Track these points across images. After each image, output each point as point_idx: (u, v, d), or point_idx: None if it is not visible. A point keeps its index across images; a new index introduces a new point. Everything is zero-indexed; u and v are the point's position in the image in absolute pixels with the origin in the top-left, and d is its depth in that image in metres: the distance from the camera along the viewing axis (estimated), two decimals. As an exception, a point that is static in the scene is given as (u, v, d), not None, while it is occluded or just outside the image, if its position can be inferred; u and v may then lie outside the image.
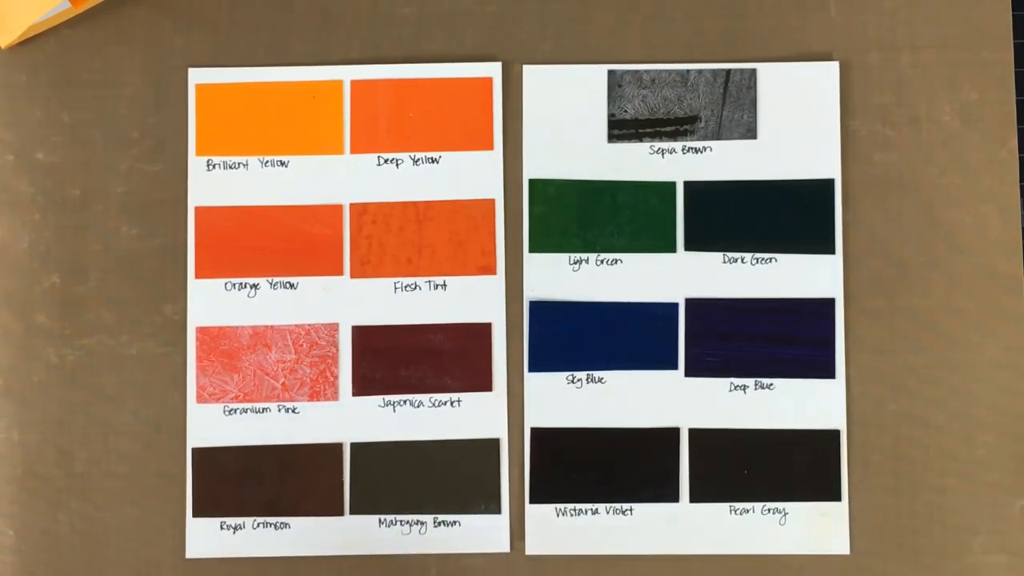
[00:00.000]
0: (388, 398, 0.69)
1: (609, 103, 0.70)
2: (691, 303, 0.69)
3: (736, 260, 0.70)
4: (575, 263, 0.70)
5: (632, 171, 0.70)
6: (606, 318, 0.69)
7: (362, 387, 0.69)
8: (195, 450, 0.69)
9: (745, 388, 0.69)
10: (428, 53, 0.71)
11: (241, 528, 0.69)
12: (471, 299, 0.70)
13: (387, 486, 0.69)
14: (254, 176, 0.70)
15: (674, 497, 0.69)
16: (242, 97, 0.71)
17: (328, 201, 0.70)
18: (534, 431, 0.69)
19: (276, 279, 0.70)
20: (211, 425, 0.69)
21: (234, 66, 0.71)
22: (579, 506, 0.69)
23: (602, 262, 0.70)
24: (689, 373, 0.69)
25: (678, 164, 0.70)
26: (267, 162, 0.70)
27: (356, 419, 0.69)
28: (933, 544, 0.68)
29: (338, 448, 0.69)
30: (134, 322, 0.70)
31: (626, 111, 0.70)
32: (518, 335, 0.69)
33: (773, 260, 0.70)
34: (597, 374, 0.69)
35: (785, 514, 0.68)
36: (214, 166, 0.70)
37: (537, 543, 0.69)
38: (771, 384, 0.69)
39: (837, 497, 0.68)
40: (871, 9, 0.71)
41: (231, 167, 0.70)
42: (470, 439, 0.69)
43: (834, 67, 0.70)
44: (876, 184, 0.70)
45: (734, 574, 0.68)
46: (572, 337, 0.69)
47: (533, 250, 0.70)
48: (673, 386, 0.69)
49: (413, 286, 0.70)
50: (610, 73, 0.70)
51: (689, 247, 0.70)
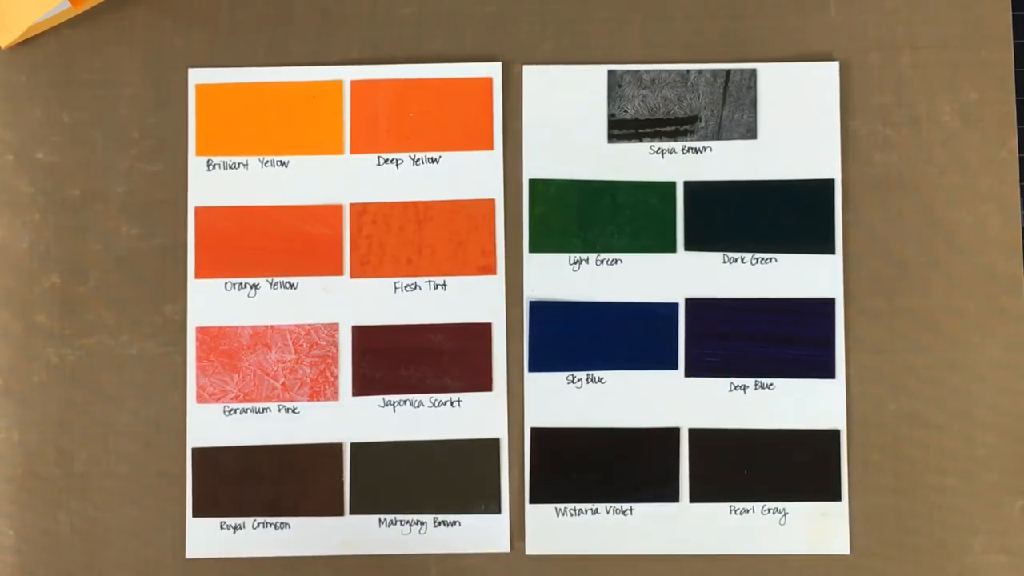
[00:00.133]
0: (388, 398, 0.69)
1: (609, 103, 0.70)
2: (691, 303, 0.69)
3: (736, 260, 0.70)
4: (575, 263, 0.70)
5: (632, 171, 0.70)
6: (606, 318, 0.69)
7: (362, 387, 0.69)
8: (195, 450, 0.69)
9: (745, 388, 0.69)
10: (428, 53, 0.71)
11: (241, 528, 0.69)
12: (471, 299, 0.70)
13: (387, 486, 0.69)
14: (254, 176, 0.70)
15: (674, 497, 0.69)
16: (242, 97, 0.71)
17: (328, 201, 0.70)
18: (534, 431, 0.69)
19: (276, 279, 0.70)
20: (211, 425, 0.69)
21: (234, 66, 0.71)
22: (579, 506, 0.69)
23: (602, 262, 0.70)
24: (689, 373, 0.69)
25: (678, 164, 0.70)
26: (267, 162, 0.70)
27: (356, 419, 0.69)
28: (933, 544, 0.68)
29: (338, 448, 0.69)
30: (134, 322, 0.70)
31: (626, 111, 0.70)
32: (518, 335, 0.69)
33: (773, 260, 0.69)
34: (597, 374, 0.69)
35: (785, 514, 0.68)
36: (214, 166, 0.70)
37: (537, 543, 0.69)
38: (771, 384, 0.69)
39: (837, 497, 0.68)
40: (871, 9, 0.71)
41: (231, 167, 0.70)
42: (470, 439, 0.69)
43: (834, 67, 0.70)
44: (876, 184, 0.70)
45: (734, 574, 0.68)
46: (572, 337, 0.69)
47: (533, 250, 0.70)
48: (673, 386, 0.69)
49: (413, 286, 0.70)
50: (610, 73, 0.70)
51: (689, 247, 0.70)
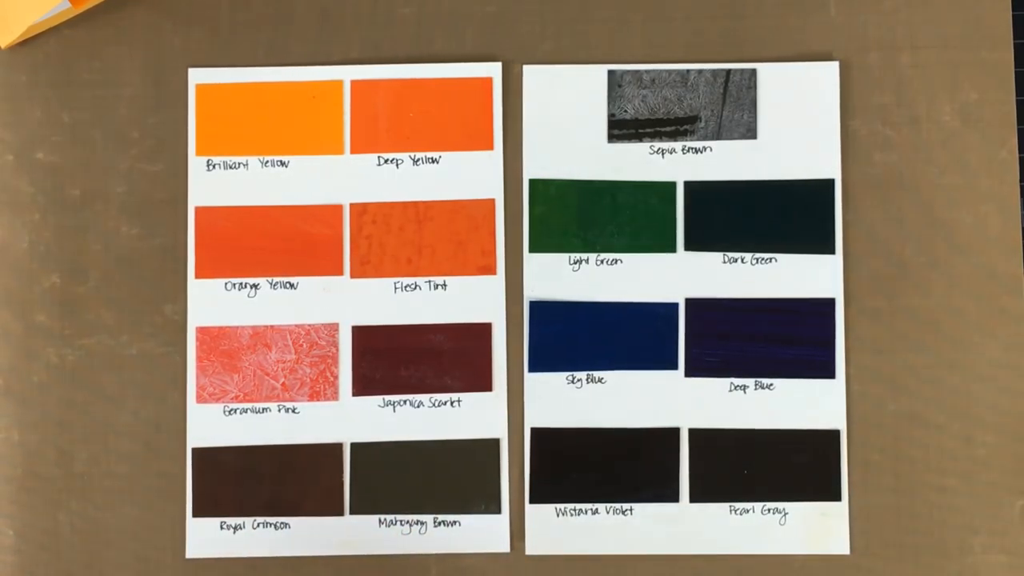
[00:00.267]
0: (388, 398, 0.69)
1: (609, 103, 0.70)
2: (691, 303, 0.69)
3: (736, 260, 0.70)
4: (575, 263, 0.70)
5: (632, 171, 0.70)
6: (606, 318, 0.69)
7: (362, 387, 0.69)
8: (195, 450, 0.69)
9: (745, 388, 0.69)
10: (428, 53, 0.71)
11: (241, 528, 0.69)
12: (471, 299, 0.70)
13: (387, 486, 0.69)
14: (254, 176, 0.70)
15: (674, 497, 0.69)
16: (242, 97, 0.71)
17: (328, 201, 0.70)
18: (534, 431, 0.69)
19: (276, 279, 0.70)
20: (211, 425, 0.69)
21: (234, 66, 0.71)
22: (579, 506, 0.69)
23: (602, 262, 0.70)
24: (689, 373, 0.69)
25: (678, 164, 0.70)
26: (267, 162, 0.70)
27: (356, 419, 0.69)
28: (933, 544, 0.68)
29: (338, 448, 0.69)
30: (134, 322, 0.70)
31: (626, 111, 0.70)
32: (518, 335, 0.69)
33: (773, 260, 0.69)
34: (597, 374, 0.69)
35: (785, 514, 0.68)
36: (214, 166, 0.70)
37: (537, 543, 0.69)
38: (771, 384, 0.69)
39: (837, 497, 0.68)
40: (871, 9, 0.71)
41: (231, 167, 0.70)
42: (470, 439, 0.69)
43: (834, 67, 0.70)
44: (876, 184, 0.70)
45: (734, 574, 0.68)
46: (572, 337, 0.69)
47: (533, 250, 0.70)
48: (673, 386, 0.69)
49: (413, 286, 0.70)
50: (610, 73, 0.70)
51: (689, 247, 0.70)
